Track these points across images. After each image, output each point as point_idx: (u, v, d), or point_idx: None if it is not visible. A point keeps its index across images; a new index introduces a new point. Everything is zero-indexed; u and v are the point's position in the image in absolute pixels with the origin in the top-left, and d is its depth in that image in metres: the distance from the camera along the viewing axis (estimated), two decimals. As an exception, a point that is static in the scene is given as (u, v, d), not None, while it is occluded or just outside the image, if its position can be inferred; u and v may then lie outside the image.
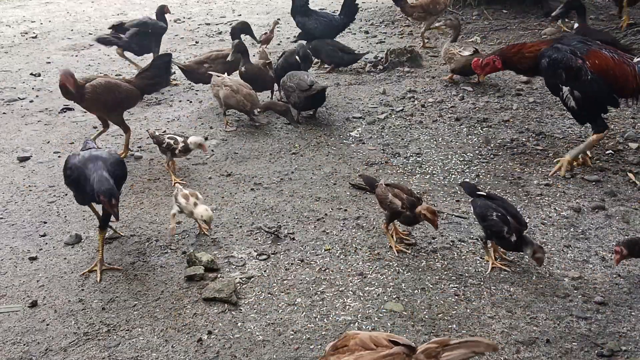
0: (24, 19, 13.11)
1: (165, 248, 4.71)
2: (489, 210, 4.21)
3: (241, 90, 6.90)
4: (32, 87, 8.61)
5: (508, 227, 4.10)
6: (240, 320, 3.88)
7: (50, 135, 6.96)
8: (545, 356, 3.50)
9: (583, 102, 5.32)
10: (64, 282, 4.33)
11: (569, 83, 5.27)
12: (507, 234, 4.10)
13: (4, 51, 10.57)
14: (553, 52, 5.31)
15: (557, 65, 5.28)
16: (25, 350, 3.68)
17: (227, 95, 6.87)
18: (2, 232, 4.99)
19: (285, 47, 10.28)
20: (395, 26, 11.12)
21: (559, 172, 5.51)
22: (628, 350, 3.51)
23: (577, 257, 4.42)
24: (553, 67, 5.31)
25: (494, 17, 10.86)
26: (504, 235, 4.11)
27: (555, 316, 3.81)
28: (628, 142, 6.10)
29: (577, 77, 5.23)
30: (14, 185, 5.81)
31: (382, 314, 3.88)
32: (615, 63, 5.22)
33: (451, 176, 5.66)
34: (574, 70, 5.24)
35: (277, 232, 4.84)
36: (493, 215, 4.17)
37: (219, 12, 13.41)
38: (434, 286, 4.14)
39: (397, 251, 4.51)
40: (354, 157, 6.13)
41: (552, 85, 5.49)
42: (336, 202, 5.28)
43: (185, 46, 10.63)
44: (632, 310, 3.84)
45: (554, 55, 5.30)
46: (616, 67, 5.20)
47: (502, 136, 6.43)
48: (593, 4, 11.42)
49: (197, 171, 5.96)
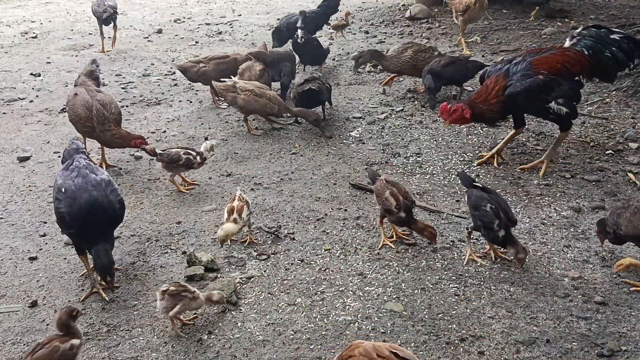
0: (24, 19, 13.12)
1: (165, 248, 4.71)
2: (484, 201, 4.27)
3: (265, 93, 6.54)
4: (32, 87, 8.61)
5: (499, 220, 4.15)
6: (240, 320, 3.88)
7: (50, 135, 6.96)
8: (545, 356, 3.50)
9: (569, 103, 5.35)
10: (64, 282, 4.33)
11: (550, 98, 5.27)
12: (497, 227, 4.15)
13: (4, 51, 10.57)
14: (518, 84, 5.24)
15: (531, 91, 5.22)
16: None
17: (248, 100, 6.50)
18: (2, 232, 4.99)
19: (285, 46, 10.27)
20: (395, 26, 11.11)
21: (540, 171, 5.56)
22: (628, 350, 3.51)
23: (577, 257, 4.41)
24: (530, 95, 5.24)
25: (494, 17, 10.85)
26: (493, 228, 4.16)
27: (555, 316, 3.81)
28: (628, 142, 6.10)
29: (551, 88, 5.24)
30: (14, 185, 5.81)
31: (382, 314, 3.88)
32: (556, 56, 5.37)
33: (451, 176, 5.66)
34: (545, 85, 5.23)
35: (277, 232, 4.84)
36: (487, 207, 4.22)
37: (219, 12, 13.41)
38: (434, 286, 4.14)
39: (383, 244, 4.58)
40: (354, 157, 6.13)
41: (537, 110, 5.47)
42: (336, 202, 5.28)
43: (185, 46, 10.63)
44: (632, 310, 3.84)
45: (521, 85, 5.23)
46: (559, 58, 5.35)
47: (502, 136, 6.42)
48: (593, 4, 11.43)
49: (197, 171, 5.96)
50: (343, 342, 3.63)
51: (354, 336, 3.68)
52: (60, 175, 4.27)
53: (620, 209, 4.08)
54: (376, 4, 13.23)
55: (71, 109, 5.79)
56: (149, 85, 8.50)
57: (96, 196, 4.08)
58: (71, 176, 4.20)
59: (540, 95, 5.24)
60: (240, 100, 6.51)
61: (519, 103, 5.31)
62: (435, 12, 11.86)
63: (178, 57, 9.92)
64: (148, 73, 9.09)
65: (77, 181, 4.14)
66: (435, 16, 11.60)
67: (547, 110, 5.34)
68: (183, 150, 5.43)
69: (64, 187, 4.12)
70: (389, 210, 4.49)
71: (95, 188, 4.12)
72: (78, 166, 4.29)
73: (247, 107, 6.54)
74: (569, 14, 10.87)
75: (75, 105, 5.71)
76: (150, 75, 8.98)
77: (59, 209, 4.10)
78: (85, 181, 4.14)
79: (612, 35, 5.49)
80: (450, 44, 9.94)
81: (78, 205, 4.02)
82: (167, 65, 9.52)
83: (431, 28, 10.86)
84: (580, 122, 6.67)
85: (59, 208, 4.10)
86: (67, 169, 4.31)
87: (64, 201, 4.07)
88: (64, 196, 4.08)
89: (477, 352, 3.54)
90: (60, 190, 4.12)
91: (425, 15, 11.51)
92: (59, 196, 4.11)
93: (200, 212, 5.20)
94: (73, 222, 4.04)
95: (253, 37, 11.05)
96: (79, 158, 4.41)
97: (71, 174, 4.22)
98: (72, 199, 4.05)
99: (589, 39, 5.48)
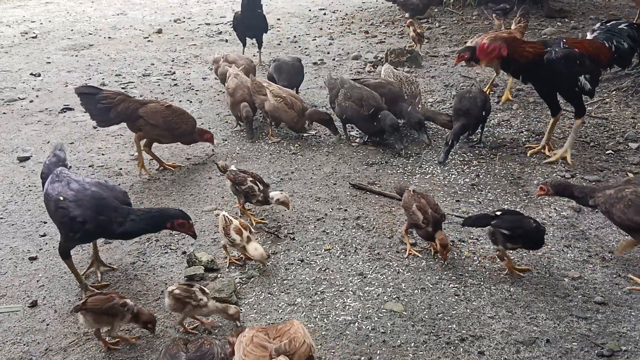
0: (24, 19, 13.11)
1: (165, 248, 4.71)
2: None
3: (295, 104, 6.28)
4: (32, 87, 8.61)
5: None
6: (240, 320, 3.87)
7: (50, 135, 6.96)
8: (545, 356, 3.50)
9: (593, 81, 5.68)
10: (64, 282, 4.33)
11: (581, 71, 5.58)
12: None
13: (4, 51, 10.57)
14: (558, 51, 5.54)
15: (569, 58, 5.52)
16: (25, 350, 3.68)
17: (276, 108, 6.27)
18: (2, 232, 4.99)
19: (285, 46, 10.29)
20: (395, 26, 11.12)
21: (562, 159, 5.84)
22: (628, 350, 3.51)
23: (577, 257, 4.42)
24: (567, 62, 5.52)
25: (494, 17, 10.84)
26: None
27: (555, 316, 3.81)
28: (628, 142, 6.10)
29: (583, 61, 5.59)
30: (14, 185, 5.81)
31: (382, 314, 3.88)
32: (585, 41, 5.81)
33: (451, 176, 5.66)
34: (580, 56, 5.57)
35: (277, 232, 4.84)
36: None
37: (219, 12, 13.41)
38: (434, 286, 4.14)
39: (409, 254, 4.47)
40: (354, 157, 6.13)
41: (568, 80, 5.64)
42: (336, 202, 5.28)
43: (185, 46, 10.63)
44: (632, 310, 3.84)
45: (560, 51, 5.53)
46: (587, 43, 5.77)
47: (502, 136, 6.43)
48: (593, 4, 11.43)
49: (197, 171, 5.96)
50: (343, 342, 3.63)
51: (354, 336, 3.69)
52: (52, 189, 4.06)
53: (613, 198, 4.11)
54: (376, 4, 13.22)
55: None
56: (149, 85, 8.50)
57: (98, 189, 4.03)
58: (63, 185, 4.04)
59: (574, 64, 5.53)
60: (268, 105, 6.36)
61: (555, 69, 5.53)
62: (435, 12, 11.87)
63: (178, 57, 9.92)
64: (148, 73, 9.09)
65: (72, 186, 4.02)
66: (435, 16, 11.60)
67: (575, 83, 5.58)
68: (250, 178, 4.90)
69: (62, 196, 3.97)
70: (416, 225, 4.38)
71: (94, 185, 4.08)
72: (65, 176, 4.14)
73: (274, 114, 6.36)
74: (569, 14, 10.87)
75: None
76: (150, 75, 8.98)
77: (69, 215, 3.91)
78: (81, 184, 4.05)
79: (620, 26, 5.85)
80: (450, 43, 9.95)
81: (87, 201, 3.92)
82: (167, 65, 9.52)
83: (431, 28, 10.86)
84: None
85: (68, 215, 3.92)
86: (54, 182, 4.10)
87: (71, 206, 3.92)
88: (67, 203, 3.93)
89: (477, 352, 3.54)
90: (59, 200, 3.96)
91: (425, 15, 11.52)
92: (62, 205, 3.95)
93: (201, 212, 5.20)
94: (88, 219, 3.91)
95: (253, 37, 11.05)
96: (63, 170, 4.21)
97: (62, 183, 4.07)
98: (77, 201, 3.93)
99: (608, 32, 5.82)
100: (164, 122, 5.79)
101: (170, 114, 5.85)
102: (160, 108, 5.85)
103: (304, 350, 2.79)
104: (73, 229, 3.97)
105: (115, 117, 5.77)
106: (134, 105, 5.79)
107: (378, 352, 3.56)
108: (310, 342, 2.89)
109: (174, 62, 9.64)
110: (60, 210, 3.95)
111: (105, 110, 5.73)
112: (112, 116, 5.75)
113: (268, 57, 9.66)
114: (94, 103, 5.72)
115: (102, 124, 6.05)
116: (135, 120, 5.78)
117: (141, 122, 5.77)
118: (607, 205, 4.15)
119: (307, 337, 2.90)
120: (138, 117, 5.75)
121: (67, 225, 3.99)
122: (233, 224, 4.33)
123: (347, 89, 6.23)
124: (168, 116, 5.82)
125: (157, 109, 5.83)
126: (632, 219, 3.99)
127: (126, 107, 5.75)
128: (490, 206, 5.11)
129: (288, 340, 2.82)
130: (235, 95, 6.63)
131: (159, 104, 5.96)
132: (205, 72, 9.04)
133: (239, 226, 4.32)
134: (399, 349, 3.57)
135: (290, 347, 2.77)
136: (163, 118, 5.78)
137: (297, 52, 9.89)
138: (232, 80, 6.74)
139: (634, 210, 3.98)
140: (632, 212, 3.99)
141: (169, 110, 5.87)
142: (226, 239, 4.34)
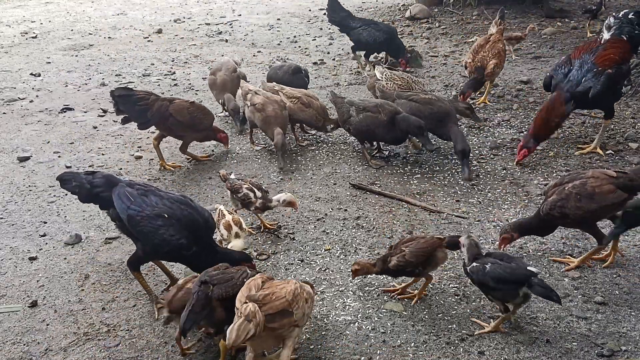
0: (24, 19, 13.12)
1: (165, 248, 4.70)
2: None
3: (313, 103, 6.24)
4: (32, 87, 8.61)
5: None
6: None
7: (50, 135, 6.96)
8: (545, 356, 3.50)
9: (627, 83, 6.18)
10: (64, 282, 4.33)
11: (622, 82, 5.90)
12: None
13: (4, 51, 10.57)
14: (597, 84, 5.62)
15: (612, 84, 5.68)
16: (25, 350, 3.68)
17: (293, 109, 6.21)
18: (2, 232, 4.99)
19: (285, 46, 10.30)
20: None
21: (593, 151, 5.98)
22: (628, 350, 3.51)
23: (577, 257, 4.41)
24: (609, 88, 5.67)
25: (494, 17, 10.84)
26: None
27: (555, 316, 3.81)
28: (628, 142, 6.10)
29: (622, 75, 5.84)
30: (14, 185, 5.81)
31: (382, 314, 3.88)
32: (608, 50, 5.83)
33: (451, 176, 5.66)
34: (616, 75, 5.72)
35: (277, 232, 4.84)
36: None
37: (219, 12, 13.42)
38: (434, 286, 4.14)
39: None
40: (354, 157, 6.13)
41: (614, 94, 5.88)
42: (336, 202, 5.28)
43: (185, 46, 10.63)
44: (632, 310, 3.84)
45: (599, 83, 5.62)
46: (612, 51, 5.82)
47: (502, 136, 6.43)
48: (593, 4, 11.41)
49: (197, 171, 5.96)
50: (343, 342, 3.63)
51: (354, 336, 3.69)
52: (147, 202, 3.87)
53: (559, 201, 4.05)
54: (376, 4, 13.23)
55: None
56: (149, 85, 8.50)
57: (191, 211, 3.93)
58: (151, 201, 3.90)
59: (617, 85, 5.78)
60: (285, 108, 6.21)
61: (597, 103, 5.80)
62: (435, 12, 11.88)
63: (178, 57, 9.92)
64: (148, 73, 9.09)
65: (164, 202, 3.89)
66: (435, 16, 11.61)
67: (619, 94, 5.97)
68: (246, 185, 4.85)
69: (163, 213, 3.83)
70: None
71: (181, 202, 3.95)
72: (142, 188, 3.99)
73: (293, 115, 6.26)
74: (569, 14, 10.88)
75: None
76: (150, 75, 8.98)
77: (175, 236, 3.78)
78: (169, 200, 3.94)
79: (630, 15, 6.04)
80: (450, 44, 9.95)
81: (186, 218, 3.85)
82: (167, 65, 9.52)
83: (431, 28, 10.87)
84: (580, 122, 6.68)
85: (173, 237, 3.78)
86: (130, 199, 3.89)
87: (173, 225, 3.81)
88: (168, 221, 3.81)
89: (477, 352, 3.54)
90: (161, 216, 3.82)
91: (425, 15, 11.53)
92: (162, 222, 3.80)
93: (200, 212, 5.19)
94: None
95: (253, 37, 11.07)
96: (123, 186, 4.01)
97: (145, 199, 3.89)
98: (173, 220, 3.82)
99: (624, 26, 6.00)
100: (190, 119, 5.82)
101: (195, 109, 5.89)
102: (185, 104, 5.88)
103: (278, 304, 3.14)
104: (162, 247, 3.84)
105: (152, 118, 5.77)
106: (165, 104, 5.81)
107: (378, 352, 3.56)
108: (290, 299, 3.18)
109: (174, 62, 9.64)
110: (161, 229, 3.81)
111: (143, 112, 5.72)
112: (150, 117, 5.75)
113: (268, 57, 9.67)
114: (132, 105, 5.70)
115: (142, 126, 5.95)
116: (167, 119, 5.78)
117: (172, 121, 5.78)
118: (558, 211, 4.05)
119: (291, 295, 3.20)
120: (169, 116, 5.76)
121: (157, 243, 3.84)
122: (225, 218, 4.37)
123: (359, 103, 5.96)
124: (194, 112, 5.85)
125: (183, 105, 5.86)
126: (590, 207, 3.97)
127: (160, 105, 5.75)
128: (491, 206, 5.11)
129: (268, 292, 3.18)
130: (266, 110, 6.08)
131: (183, 100, 5.98)
132: (205, 72, 9.04)
133: (230, 222, 4.35)
134: (399, 349, 3.57)
135: (263, 299, 3.13)
136: (190, 114, 5.82)
137: (297, 52, 9.90)
138: (258, 97, 6.19)
139: (587, 198, 3.98)
140: (587, 201, 3.98)
141: (193, 106, 5.92)
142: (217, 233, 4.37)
